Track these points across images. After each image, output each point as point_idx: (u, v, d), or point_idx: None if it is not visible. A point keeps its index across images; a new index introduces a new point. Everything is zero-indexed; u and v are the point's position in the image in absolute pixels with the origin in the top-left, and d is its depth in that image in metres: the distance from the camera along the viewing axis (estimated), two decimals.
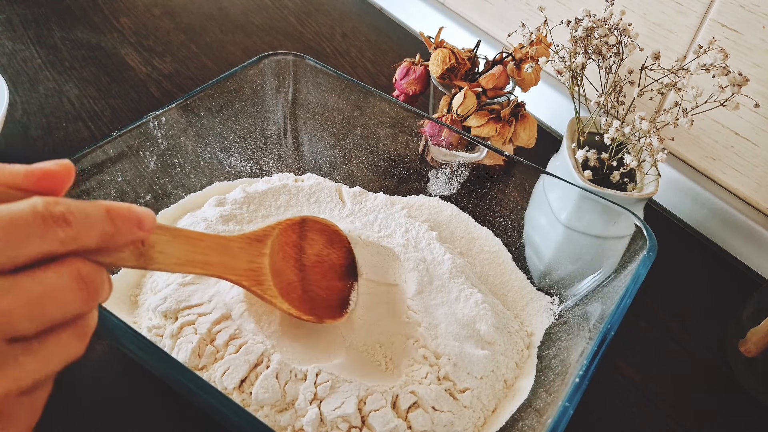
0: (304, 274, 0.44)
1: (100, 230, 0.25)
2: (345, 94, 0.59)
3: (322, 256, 0.46)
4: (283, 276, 0.42)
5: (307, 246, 0.45)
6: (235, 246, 0.39)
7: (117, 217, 0.26)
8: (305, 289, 0.43)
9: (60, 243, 0.24)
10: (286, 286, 0.42)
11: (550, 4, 0.72)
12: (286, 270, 0.42)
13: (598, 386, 0.43)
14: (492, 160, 0.57)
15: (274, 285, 0.41)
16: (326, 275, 0.46)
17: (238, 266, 0.39)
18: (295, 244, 0.43)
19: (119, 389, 0.45)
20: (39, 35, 0.79)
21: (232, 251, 0.38)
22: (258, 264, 0.40)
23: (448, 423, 0.40)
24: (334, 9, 0.95)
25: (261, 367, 0.40)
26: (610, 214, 0.49)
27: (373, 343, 0.46)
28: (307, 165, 0.61)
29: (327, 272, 0.46)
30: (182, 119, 0.54)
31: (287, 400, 0.39)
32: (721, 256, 0.65)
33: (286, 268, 0.42)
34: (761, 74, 0.58)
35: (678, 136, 0.67)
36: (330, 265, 0.46)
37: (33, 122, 0.66)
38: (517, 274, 0.54)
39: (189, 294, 0.44)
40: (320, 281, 0.45)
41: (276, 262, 0.41)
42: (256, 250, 0.40)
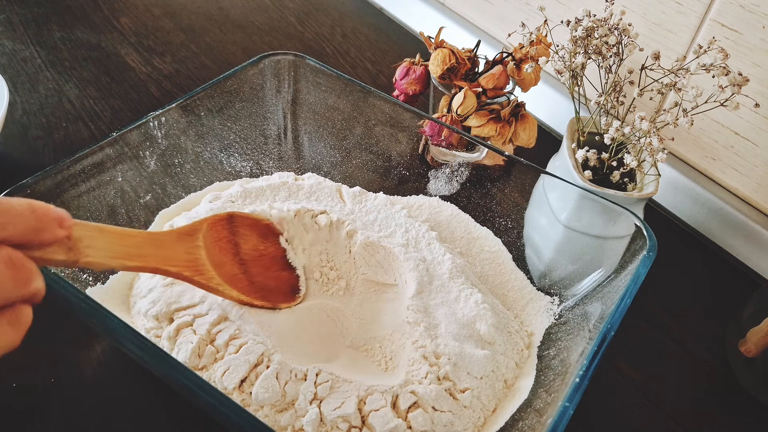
0: (247, 268, 0.43)
1: (25, 223, 0.27)
2: (345, 94, 0.59)
3: (259, 250, 0.45)
4: (224, 268, 0.41)
5: (241, 242, 0.44)
6: (166, 239, 0.39)
7: (40, 214, 0.27)
8: (251, 281, 0.43)
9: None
10: (231, 278, 0.42)
11: (550, 4, 0.72)
12: (226, 263, 0.42)
13: (598, 386, 0.43)
14: (492, 160, 0.57)
15: (217, 275, 0.41)
16: (269, 267, 0.45)
17: (175, 257, 0.38)
18: (228, 240, 0.43)
19: (119, 389, 0.45)
20: (39, 35, 0.79)
21: (164, 244, 0.38)
22: (195, 255, 0.40)
23: (448, 423, 0.40)
24: (334, 9, 0.95)
25: (261, 367, 0.40)
26: (610, 214, 0.49)
27: (373, 343, 0.46)
28: (307, 165, 0.61)
29: (269, 264, 0.45)
30: (182, 119, 0.54)
31: (287, 400, 0.39)
32: (721, 256, 0.65)
33: (226, 261, 0.42)
34: (761, 74, 0.58)
35: (678, 136, 0.67)
36: (271, 257, 0.46)
37: (33, 122, 0.66)
38: (517, 274, 0.54)
39: (177, 295, 0.43)
40: (265, 273, 0.44)
41: (213, 255, 0.41)
42: (189, 243, 0.40)
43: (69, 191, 0.46)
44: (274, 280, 0.45)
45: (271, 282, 0.44)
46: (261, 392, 0.38)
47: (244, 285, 0.42)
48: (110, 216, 0.49)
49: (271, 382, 0.39)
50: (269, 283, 0.44)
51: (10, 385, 0.44)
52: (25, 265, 0.26)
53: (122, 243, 0.34)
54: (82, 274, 0.45)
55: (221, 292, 0.41)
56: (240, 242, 0.44)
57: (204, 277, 0.40)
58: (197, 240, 0.40)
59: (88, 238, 0.31)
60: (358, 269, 0.51)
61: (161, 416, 0.44)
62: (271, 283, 0.44)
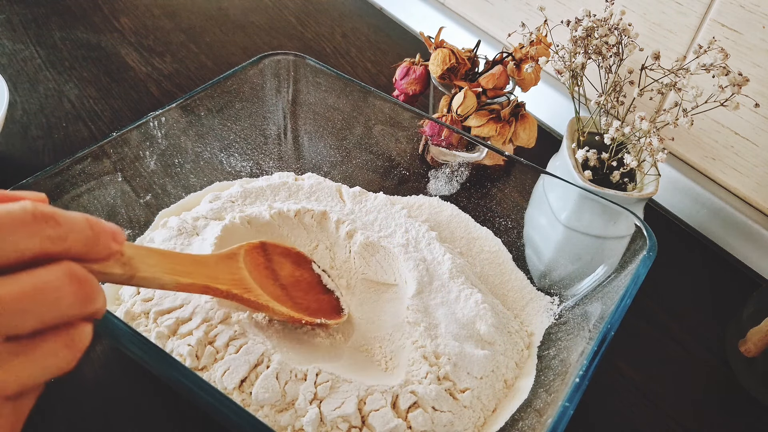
0: (288, 292, 0.44)
1: (85, 235, 0.26)
2: (345, 94, 0.59)
3: (296, 276, 0.46)
4: (268, 290, 0.42)
5: (277, 268, 0.44)
6: (209, 260, 0.39)
7: (95, 226, 0.26)
8: (295, 302, 0.43)
9: (50, 241, 0.24)
10: (276, 299, 0.42)
11: (550, 4, 0.72)
12: (268, 286, 0.42)
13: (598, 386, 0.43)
14: (492, 160, 0.57)
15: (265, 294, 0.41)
16: (309, 291, 0.46)
17: (221, 277, 0.38)
18: (265, 266, 0.43)
19: (119, 389, 0.45)
20: (39, 35, 0.79)
21: (208, 264, 0.38)
22: (240, 275, 0.40)
23: (448, 423, 0.40)
24: (334, 9, 0.95)
25: (261, 367, 0.40)
26: (610, 214, 0.49)
27: (372, 343, 0.46)
28: (307, 165, 0.61)
29: (308, 289, 0.46)
30: (182, 119, 0.54)
31: (287, 400, 0.39)
32: (721, 256, 0.65)
33: (267, 284, 0.42)
34: (761, 74, 0.58)
35: (678, 136, 0.67)
36: (309, 282, 0.46)
37: (33, 122, 0.66)
38: (517, 274, 0.54)
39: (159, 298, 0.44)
40: (306, 296, 0.45)
41: (255, 278, 0.41)
42: (231, 264, 0.40)
43: (69, 191, 0.46)
44: (315, 303, 0.45)
45: (314, 304, 0.45)
46: (261, 392, 0.38)
47: (290, 305, 0.43)
48: (110, 216, 0.49)
49: (271, 382, 0.39)
50: (312, 305, 0.44)
51: None
52: (88, 280, 0.25)
53: (171, 261, 0.34)
54: None
55: (271, 309, 0.41)
56: (276, 269, 0.44)
57: (253, 294, 0.40)
58: (238, 262, 0.41)
59: (139, 255, 0.31)
60: (358, 269, 0.51)
61: (161, 416, 0.44)
62: (314, 305, 0.45)
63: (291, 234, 0.51)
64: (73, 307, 0.25)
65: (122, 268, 0.29)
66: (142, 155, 0.51)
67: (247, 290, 0.40)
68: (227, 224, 0.48)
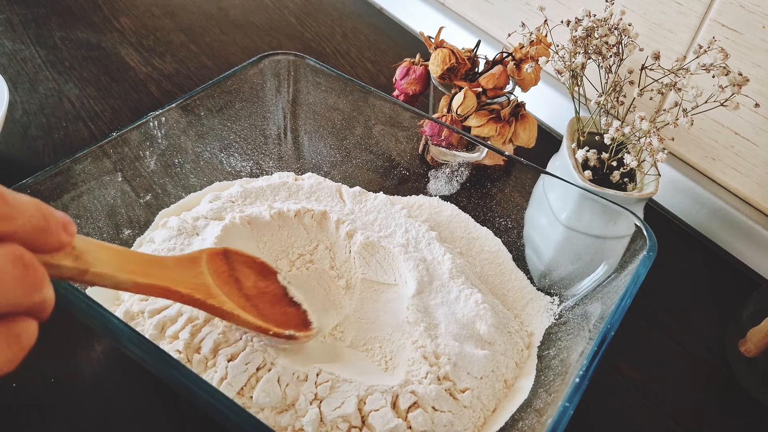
0: (253, 302, 0.40)
1: (33, 221, 0.23)
2: (345, 94, 0.59)
3: (261, 288, 0.42)
4: (232, 298, 0.39)
5: (241, 278, 0.41)
6: (169, 262, 0.36)
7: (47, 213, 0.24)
8: (260, 314, 0.40)
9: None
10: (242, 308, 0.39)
11: (550, 4, 0.72)
12: (233, 295, 0.39)
13: (598, 386, 0.43)
14: (492, 160, 0.57)
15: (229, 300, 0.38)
16: (275, 303, 0.42)
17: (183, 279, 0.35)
18: (228, 274, 0.40)
19: (119, 389, 0.45)
20: (39, 35, 0.79)
21: (168, 265, 0.35)
22: (202, 280, 0.37)
23: (448, 423, 0.40)
24: (334, 9, 0.95)
25: (262, 371, 0.39)
26: (610, 214, 0.49)
27: (373, 343, 0.46)
28: (307, 165, 0.61)
29: (274, 301, 0.43)
30: (182, 119, 0.54)
31: (288, 402, 0.39)
32: (721, 256, 0.65)
33: (231, 293, 0.39)
34: (761, 74, 0.58)
35: (678, 136, 0.67)
36: (274, 294, 0.43)
37: (33, 122, 0.66)
38: (517, 274, 0.54)
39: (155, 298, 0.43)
40: (272, 309, 0.42)
41: (218, 286, 0.38)
42: (192, 269, 0.37)
43: (69, 191, 0.46)
44: (282, 315, 0.42)
45: (280, 317, 0.42)
46: (262, 396, 0.38)
47: (256, 315, 0.40)
48: (110, 216, 0.49)
49: (273, 385, 0.39)
50: (278, 318, 0.41)
51: (10, 385, 0.44)
52: (34, 265, 0.22)
53: (126, 260, 0.32)
54: None
55: (237, 317, 0.38)
56: (240, 278, 0.41)
57: (217, 300, 0.37)
58: (200, 266, 0.38)
59: (92, 251, 0.29)
60: (357, 269, 0.51)
61: (161, 416, 0.44)
62: (280, 318, 0.42)
63: (291, 234, 0.51)
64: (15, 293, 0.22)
65: (74, 261, 0.27)
66: (142, 155, 0.51)
67: (211, 296, 0.37)
68: (227, 224, 0.48)
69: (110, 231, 0.49)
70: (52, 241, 0.25)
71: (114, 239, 0.49)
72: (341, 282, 0.50)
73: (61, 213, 0.25)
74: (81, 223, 0.47)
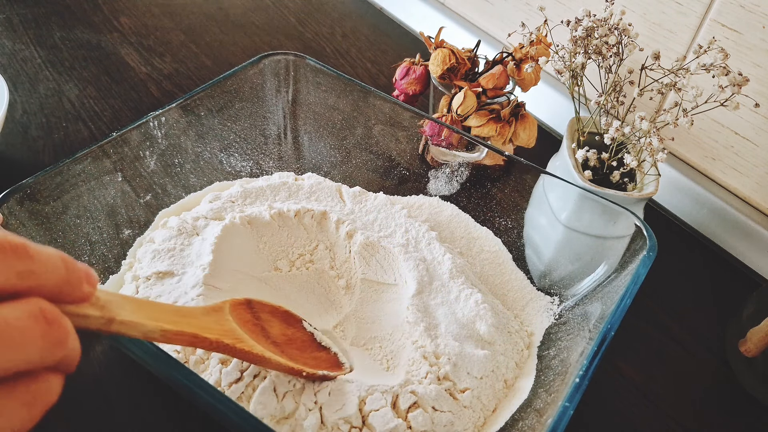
0: (282, 349, 0.40)
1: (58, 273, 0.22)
2: (345, 94, 0.59)
3: (288, 335, 0.42)
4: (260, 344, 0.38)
5: (267, 326, 0.41)
6: (194, 311, 0.36)
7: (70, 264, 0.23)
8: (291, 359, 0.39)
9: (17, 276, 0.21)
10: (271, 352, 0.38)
11: (550, 4, 0.72)
12: (260, 341, 0.38)
13: (598, 386, 0.43)
14: (492, 160, 0.57)
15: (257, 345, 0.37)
16: (304, 349, 0.42)
17: (209, 327, 0.35)
18: (253, 323, 0.40)
19: (119, 389, 0.45)
20: (39, 35, 0.79)
21: (193, 314, 0.35)
22: (228, 327, 0.37)
23: (448, 423, 0.40)
24: (334, 9, 0.95)
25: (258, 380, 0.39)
26: (610, 214, 0.49)
27: (373, 343, 0.46)
28: (307, 165, 0.61)
29: (303, 347, 0.42)
30: (182, 119, 0.54)
31: (286, 412, 0.38)
32: (721, 256, 0.65)
33: (259, 340, 0.38)
34: (761, 74, 0.58)
35: (678, 136, 0.67)
36: (302, 340, 0.42)
37: (33, 122, 0.66)
38: (517, 274, 0.54)
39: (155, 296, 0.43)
40: (302, 354, 0.41)
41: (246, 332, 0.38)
42: (218, 316, 0.37)
43: (69, 191, 0.46)
44: (313, 360, 0.41)
45: (311, 362, 0.41)
46: (259, 409, 0.38)
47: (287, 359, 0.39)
48: (110, 216, 0.49)
49: (269, 396, 0.38)
50: (309, 363, 0.41)
51: None
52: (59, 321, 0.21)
53: (152, 309, 0.32)
54: None
55: (268, 360, 0.37)
56: (266, 327, 0.41)
57: (246, 345, 0.36)
58: (225, 314, 0.38)
59: (115, 301, 0.28)
60: (357, 269, 0.51)
61: (161, 416, 0.44)
62: (311, 362, 0.41)
63: (291, 234, 0.51)
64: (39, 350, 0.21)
65: (100, 310, 0.26)
66: (142, 155, 0.51)
67: (239, 341, 0.36)
68: (227, 224, 0.48)
69: (110, 231, 0.49)
70: (76, 294, 0.24)
71: (114, 239, 0.49)
72: (341, 282, 0.50)
73: (83, 264, 0.24)
74: (81, 223, 0.47)
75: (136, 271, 0.46)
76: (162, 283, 0.44)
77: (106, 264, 0.47)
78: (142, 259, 0.47)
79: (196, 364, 0.40)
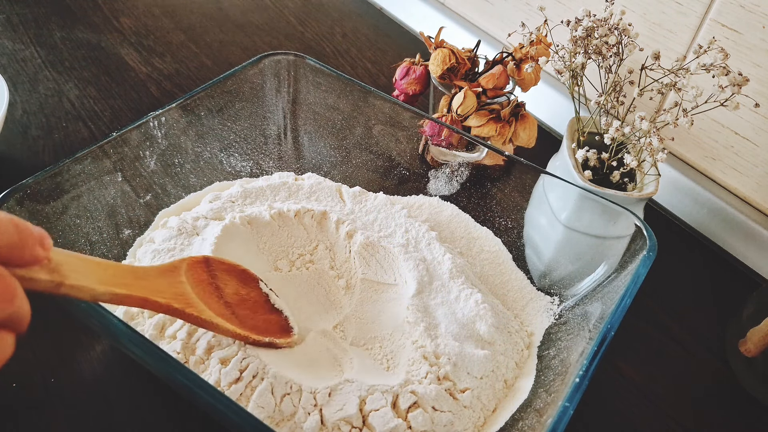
0: (234, 310, 0.40)
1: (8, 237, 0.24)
2: (345, 94, 0.59)
3: (241, 295, 0.42)
4: (211, 307, 0.39)
5: (222, 285, 0.41)
6: (148, 272, 0.36)
7: (23, 229, 0.25)
8: (241, 321, 0.40)
9: None
10: (220, 316, 0.39)
11: (550, 4, 0.72)
12: (212, 303, 0.39)
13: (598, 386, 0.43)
14: (492, 160, 0.57)
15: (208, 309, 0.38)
16: (256, 310, 0.42)
17: (162, 289, 0.35)
18: (208, 282, 0.40)
19: (119, 389, 0.45)
20: (39, 35, 0.79)
21: (146, 276, 0.35)
22: (181, 290, 0.37)
23: (448, 423, 0.40)
24: (334, 9, 0.95)
25: (256, 380, 0.39)
26: (610, 214, 0.49)
27: (373, 343, 0.46)
28: (307, 165, 0.61)
29: (255, 308, 0.43)
30: (182, 119, 0.54)
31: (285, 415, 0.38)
32: (721, 256, 0.65)
33: (211, 301, 0.39)
34: (761, 74, 0.58)
35: (678, 136, 0.67)
36: (254, 301, 0.43)
37: (33, 122, 0.66)
38: (517, 274, 0.54)
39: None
40: (253, 316, 0.42)
41: (198, 294, 0.38)
42: (171, 278, 0.37)
43: (69, 191, 0.46)
44: (263, 323, 0.42)
45: (261, 324, 0.41)
46: (257, 411, 0.38)
47: (237, 324, 0.40)
48: (110, 216, 0.49)
49: (267, 398, 0.38)
50: (259, 325, 0.41)
51: (10, 385, 0.44)
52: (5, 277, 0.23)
53: (106, 271, 0.32)
54: None
55: (216, 325, 0.38)
56: (221, 286, 0.41)
57: (195, 309, 0.37)
58: (180, 276, 0.38)
59: (68, 263, 0.29)
60: (357, 269, 0.51)
61: (161, 416, 0.44)
62: (261, 325, 0.41)
63: (291, 234, 0.51)
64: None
65: (49, 274, 0.27)
66: (142, 155, 0.51)
67: (189, 305, 0.37)
68: (227, 224, 0.48)
69: (110, 231, 0.49)
70: (27, 256, 0.25)
71: (114, 239, 0.49)
72: (341, 282, 0.50)
73: (37, 228, 0.26)
74: (81, 223, 0.47)
75: None
76: None
77: None
78: (142, 259, 0.47)
79: (196, 364, 0.40)
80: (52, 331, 0.47)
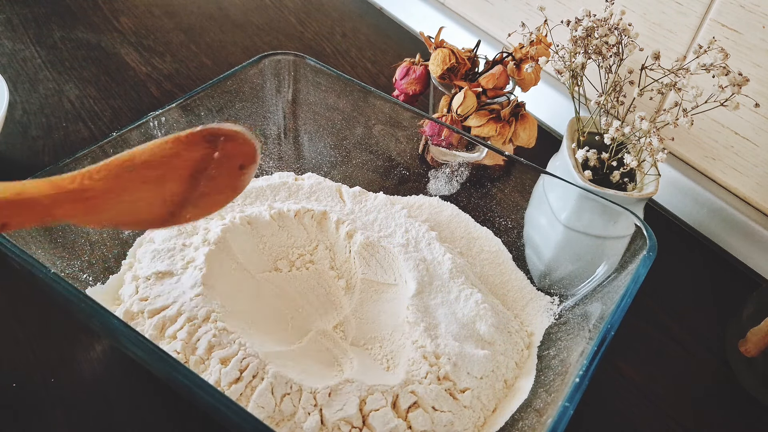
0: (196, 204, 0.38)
1: None
2: (345, 94, 0.59)
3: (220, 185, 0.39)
4: (180, 191, 0.36)
5: (213, 170, 0.38)
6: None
7: None
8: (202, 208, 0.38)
9: None
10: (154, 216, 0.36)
11: (550, 4, 0.72)
12: (180, 186, 0.36)
13: (598, 386, 0.43)
14: (492, 160, 0.57)
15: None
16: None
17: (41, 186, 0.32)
18: (195, 166, 0.37)
19: (119, 389, 0.45)
20: (39, 35, 0.79)
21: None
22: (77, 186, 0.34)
23: (448, 423, 0.40)
24: (334, 9, 0.95)
25: (256, 380, 0.39)
26: (610, 214, 0.49)
27: (373, 343, 0.46)
28: (307, 165, 0.61)
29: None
30: (182, 119, 0.54)
31: (285, 415, 0.38)
32: (721, 256, 0.65)
33: (182, 187, 0.37)
34: (761, 74, 0.58)
35: (678, 136, 0.67)
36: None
37: (33, 122, 0.66)
38: (517, 274, 0.54)
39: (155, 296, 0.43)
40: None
41: (175, 177, 0.36)
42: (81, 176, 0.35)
43: None
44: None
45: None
46: (257, 411, 0.38)
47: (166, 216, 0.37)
48: None
49: (267, 398, 0.38)
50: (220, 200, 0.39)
51: (10, 385, 0.44)
52: None
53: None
54: (82, 274, 0.45)
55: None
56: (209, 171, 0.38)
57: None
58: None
59: None
60: (357, 269, 0.51)
61: (161, 416, 0.44)
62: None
63: (291, 234, 0.51)
64: None
65: None
66: None
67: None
68: (227, 224, 0.48)
69: (110, 231, 0.49)
70: None
71: (114, 239, 0.49)
72: (341, 282, 0.50)
73: None
74: None
75: (136, 271, 0.46)
76: (161, 282, 0.44)
77: (106, 264, 0.47)
78: (142, 259, 0.47)
79: (196, 364, 0.40)
80: (52, 331, 0.47)
